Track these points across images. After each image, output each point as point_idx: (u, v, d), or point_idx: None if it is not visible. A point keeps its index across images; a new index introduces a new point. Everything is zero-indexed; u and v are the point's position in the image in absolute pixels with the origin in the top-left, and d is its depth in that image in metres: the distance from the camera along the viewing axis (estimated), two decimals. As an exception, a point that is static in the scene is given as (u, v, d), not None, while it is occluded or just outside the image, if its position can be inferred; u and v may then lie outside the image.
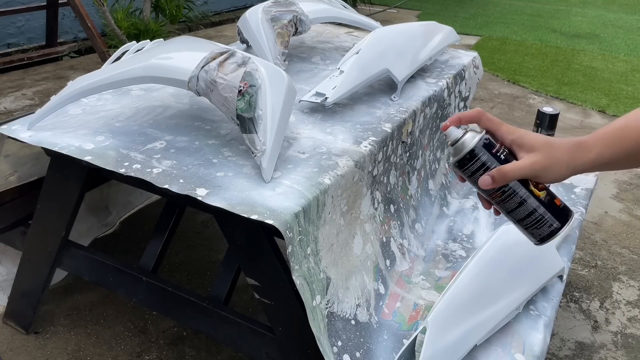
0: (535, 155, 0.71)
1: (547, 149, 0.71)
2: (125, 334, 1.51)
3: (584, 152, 0.71)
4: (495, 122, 0.73)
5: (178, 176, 1.04)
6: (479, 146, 0.70)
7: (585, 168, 0.72)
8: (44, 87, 3.34)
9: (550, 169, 0.71)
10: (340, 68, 1.45)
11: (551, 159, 0.71)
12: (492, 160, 0.70)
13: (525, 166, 0.70)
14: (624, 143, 0.70)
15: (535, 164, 0.70)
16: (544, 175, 0.71)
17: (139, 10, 3.92)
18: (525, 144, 0.71)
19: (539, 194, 0.72)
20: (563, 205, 0.73)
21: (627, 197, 2.41)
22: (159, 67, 1.16)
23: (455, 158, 0.72)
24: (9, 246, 1.54)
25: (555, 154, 0.71)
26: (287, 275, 1.00)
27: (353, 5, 5.48)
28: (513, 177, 0.71)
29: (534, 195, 0.71)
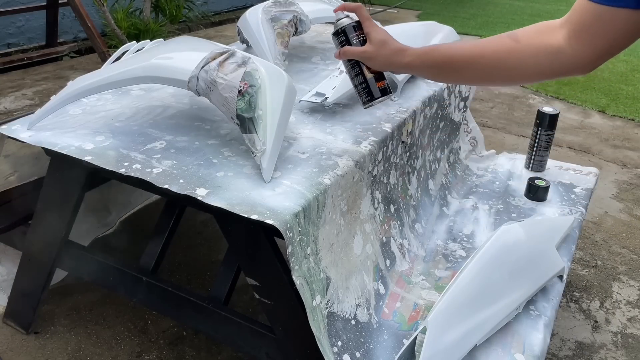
0: (367, 47, 1.01)
1: (378, 46, 1.00)
2: (125, 334, 1.51)
3: (401, 56, 0.99)
4: (364, 16, 1.03)
5: (178, 176, 1.04)
6: (346, 28, 1.03)
7: (400, 69, 1.03)
8: (44, 87, 3.34)
9: (374, 59, 1.01)
10: (340, 68, 1.45)
11: (376, 53, 1.00)
12: (347, 41, 1.03)
13: (357, 52, 1.02)
14: (428, 59, 0.97)
15: (364, 52, 1.01)
16: (369, 62, 1.03)
17: (139, 10, 3.92)
18: (369, 38, 1.01)
19: (367, 75, 1.04)
20: (384, 87, 1.06)
21: (627, 197, 2.41)
22: (159, 67, 1.16)
23: (333, 30, 1.05)
24: (9, 246, 1.54)
25: (381, 51, 1.00)
26: (287, 275, 1.00)
27: (353, 5, 5.47)
28: (348, 56, 1.03)
29: (362, 74, 1.04)
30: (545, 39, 0.86)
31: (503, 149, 2.66)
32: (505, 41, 0.89)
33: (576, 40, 0.82)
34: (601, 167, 2.65)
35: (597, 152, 2.85)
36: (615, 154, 2.84)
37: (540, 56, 0.86)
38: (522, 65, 0.88)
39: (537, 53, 0.86)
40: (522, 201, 1.64)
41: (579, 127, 3.15)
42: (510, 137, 2.99)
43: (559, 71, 0.86)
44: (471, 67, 0.93)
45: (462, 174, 1.82)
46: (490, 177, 1.82)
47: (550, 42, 0.85)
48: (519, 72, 0.90)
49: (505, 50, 0.89)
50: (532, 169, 1.81)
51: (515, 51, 0.88)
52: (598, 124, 3.21)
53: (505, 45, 0.89)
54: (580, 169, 1.82)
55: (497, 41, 0.91)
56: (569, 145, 2.91)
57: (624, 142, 2.98)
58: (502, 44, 0.90)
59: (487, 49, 0.91)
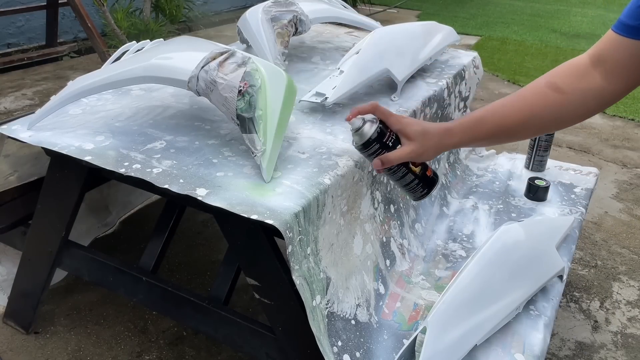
0: (412, 145, 0.95)
1: (421, 139, 0.95)
2: (125, 334, 1.51)
3: (450, 138, 0.95)
4: (386, 113, 0.96)
5: (178, 176, 1.04)
6: (373, 136, 0.94)
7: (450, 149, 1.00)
8: (44, 87, 3.34)
9: (423, 154, 0.97)
10: (340, 68, 1.45)
11: (424, 147, 0.95)
12: (382, 146, 0.95)
13: (404, 155, 0.96)
14: (479, 132, 0.94)
15: (412, 152, 0.95)
16: (418, 159, 0.98)
17: (139, 10, 3.92)
18: (406, 134, 0.95)
19: (415, 170, 0.99)
20: (432, 175, 1.02)
21: (627, 197, 2.41)
22: (159, 67, 1.16)
23: (358, 144, 0.96)
24: (9, 246, 1.54)
25: (427, 143, 0.95)
26: (287, 275, 1.00)
27: (353, 5, 5.48)
28: (394, 162, 0.96)
29: (411, 172, 0.99)
30: (586, 83, 0.89)
31: (503, 149, 2.65)
32: (550, 95, 0.91)
33: (615, 78, 0.86)
34: (601, 167, 2.65)
35: (597, 152, 2.85)
36: (615, 154, 2.84)
37: (589, 100, 0.89)
38: (574, 114, 0.91)
39: (584, 99, 0.89)
40: (522, 201, 1.64)
41: (579, 127, 3.15)
42: (510, 137, 2.98)
43: (604, 107, 0.91)
44: (524, 131, 0.95)
45: (462, 174, 1.82)
46: (490, 177, 1.82)
47: (593, 85, 0.88)
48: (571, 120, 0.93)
49: (554, 105, 0.91)
50: (532, 169, 1.81)
51: (564, 103, 0.90)
52: (598, 124, 3.21)
53: (553, 100, 0.91)
54: (580, 169, 1.82)
55: (542, 97, 0.91)
56: (569, 145, 2.91)
57: (624, 142, 2.98)
58: (548, 99, 0.91)
59: (535, 107, 0.92)
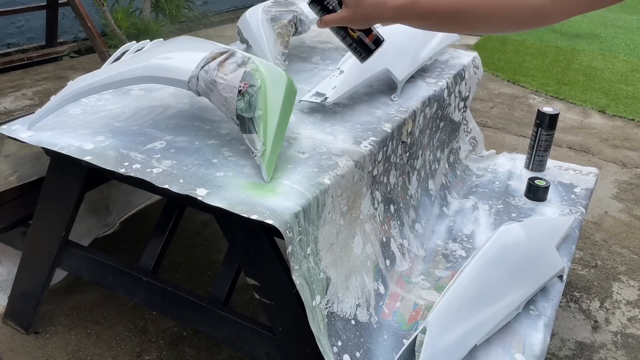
0: (344, 11, 0.97)
1: (354, 7, 0.96)
2: (125, 334, 1.51)
3: (382, 11, 0.95)
4: None
5: (178, 176, 1.04)
6: None
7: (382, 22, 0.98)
8: (44, 87, 3.34)
9: (353, 22, 0.98)
10: (340, 68, 1.45)
11: (355, 15, 0.96)
12: (324, 8, 0.99)
13: (335, 19, 0.98)
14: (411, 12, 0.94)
15: (342, 18, 0.97)
16: (350, 25, 0.99)
17: (139, 10, 3.92)
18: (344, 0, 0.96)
19: (353, 35, 1.02)
20: (373, 40, 1.03)
21: (627, 197, 2.41)
22: (159, 67, 1.16)
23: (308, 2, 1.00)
24: (9, 246, 1.54)
25: (358, 11, 0.96)
26: (287, 275, 1.00)
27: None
28: (328, 25, 0.99)
29: (349, 36, 1.02)
30: None
31: (503, 149, 2.66)
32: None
33: None
34: (601, 167, 2.65)
35: (597, 152, 2.85)
36: (615, 154, 2.84)
37: (523, 11, 0.88)
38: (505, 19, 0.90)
39: (519, 8, 0.88)
40: (522, 201, 1.64)
41: (579, 127, 3.15)
42: (510, 137, 2.99)
43: (537, 24, 0.90)
44: (454, 21, 0.95)
45: (462, 174, 1.82)
46: (490, 177, 1.82)
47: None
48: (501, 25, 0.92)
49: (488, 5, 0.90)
50: (532, 169, 1.81)
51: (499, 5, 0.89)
52: (598, 124, 3.21)
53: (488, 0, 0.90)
54: (580, 169, 1.82)
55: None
56: (569, 145, 2.91)
57: (624, 142, 2.98)
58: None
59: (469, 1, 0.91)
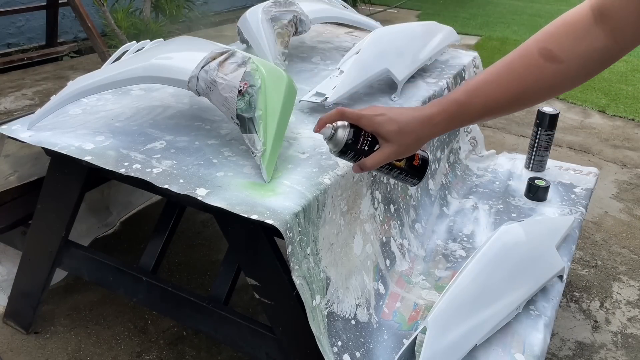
0: (389, 147, 0.87)
1: (399, 139, 0.86)
2: (125, 334, 1.51)
3: (431, 128, 0.86)
4: (355, 117, 0.87)
5: (178, 176, 1.04)
6: (348, 142, 0.88)
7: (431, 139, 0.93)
8: (44, 87, 3.34)
9: (403, 153, 0.90)
10: (340, 68, 1.45)
11: (403, 147, 0.87)
12: (359, 152, 0.89)
13: (382, 158, 0.88)
14: (465, 117, 0.85)
15: (390, 154, 0.88)
16: (399, 157, 0.91)
17: (139, 10, 3.91)
18: (381, 136, 0.87)
19: (400, 165, 0.93)
20: (421, 161, 0.95)
21: (627, 197, 2.41)
22: (159, 67, 1.16)
23: (335, 152, 0.91)
24: (9, 246, 1.54)
25: (406, 140, 0.86)
26: (287, 275, 1.00)
27: (353, 5, 5.48)
28: (372, 168, 0.89)
29: (396, 167, 0.94)
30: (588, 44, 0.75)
31: (503, 149, 2.66)
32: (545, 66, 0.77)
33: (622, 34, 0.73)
34: (601, 167, 2.65)
35: (597, 152, 2.85)
36: (615, 154, 2.84)
37: (590, 64, 0.76)
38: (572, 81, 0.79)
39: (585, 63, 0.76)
40: (522, 201, 1.64)
41: (579, 127, 3.15)
42: (510, 137, 2.99)
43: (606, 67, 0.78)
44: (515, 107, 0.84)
45: (462, 174, 1.82)
46: (490, 177, 1.82)
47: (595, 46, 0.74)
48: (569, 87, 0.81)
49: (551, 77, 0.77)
50: (532, 169, 1.81)
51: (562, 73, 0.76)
52: (598, 124, 3.21)
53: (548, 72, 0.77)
54: (580, 169, 1.82)
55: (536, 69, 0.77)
56: (569, 145, 2.91)
57: (624, 142, 2.98)
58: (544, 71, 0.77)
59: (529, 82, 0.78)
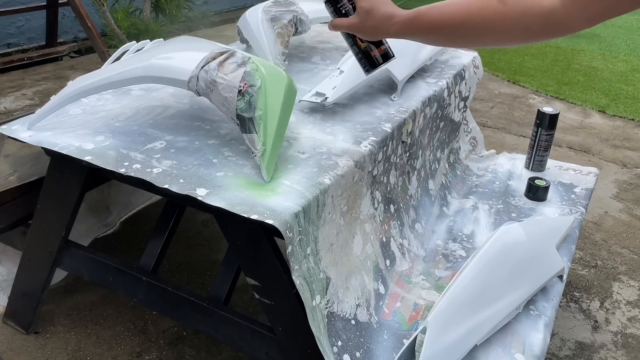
0: (354, 18, 0.95)
1: (364, 16, 0.94)
2: (125, 334, 1.51)
3: (390, 25, 0.93)
4: None
5: (178, 176, 1.04)
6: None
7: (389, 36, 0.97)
8: (44, 87, 3.34)
9: (361, 31, 0.96)
10: (340, 68, 1.45)
11: (363, 24, 0.94)
12: (336, 11, 0.98)
13: (344, 25, 0.97)
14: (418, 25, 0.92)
15: (350, 25, 0.96)
16: (358, 34, 0.98)
17: (139, 10, 3.92)
18: (356, 8, 0.95)
19: (360, 45, 1.01)
20: (379, 54, 1.02)
21: (627, 197, 2.41)
22: (159, 67, 1.16)
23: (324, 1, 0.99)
24: (9, 246, 1.54)
25: (367, 22, 0.94)
26: (287, 275, 1.00)
27: (353, 5, 5.46)
28: (337, 29, 0.98)
29: (356, 45, 1.01)
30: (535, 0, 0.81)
31: (503, 149, 2.66)
32: (492, 3, 0.85)
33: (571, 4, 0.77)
34: (601, 167, 2.65)
35: (597, 152, 2.85)
36: (615, 154, 2.84)
37: (530, 18, 0.81)
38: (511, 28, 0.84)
39: (525, 15, 0.81)
40: (522, 201, 1.64)
41: (579, 127, 3.15)
42: (510, 137, 2.99)
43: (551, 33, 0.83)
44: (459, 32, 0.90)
45: (462, 174, 1.82)
46: (490, 177, 1.82)
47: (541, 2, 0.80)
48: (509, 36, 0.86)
49: (492, 13, 0.84)
50: (532, 169, 1.81)
51: (503, 13, 0.83)
52: (598, 124, 3.21)
53: (492, 8, 0.84)
54: (580, 168, 1.82)
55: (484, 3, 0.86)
56: (569, 145, 2.91)
57: (624, 142, 2.98)
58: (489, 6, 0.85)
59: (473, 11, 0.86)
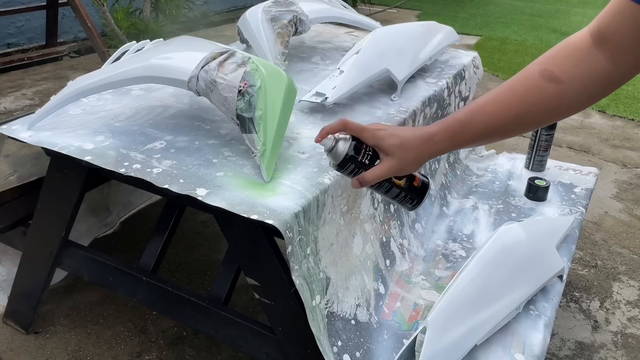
0: (390, 160, 0.85)
1: (400, 153, 0.84)
2: (125, 334, 1.51)
3: (432, 146, 0.85)
4: (358, 129, 0.86)
5: (178, 176, 1.04)
6: (348, 155, 0.85)
7: (435, 157, 0.92)
8: (44, 87, 3.34)
9: (404, 168, 0.87)
10: (340, 68, 1.45)
11: (404, 161, 0.85)
12: (359, 165, 0.86)
13: (382, 172, 0.85)
14: (466, 136, 0.83)
15: (391, 168, 0.85)
16: (399, 173, 0.88)
17: (139, 10, 3.92)
18: (383, 150, 0.85)
19: (400, 183, 0.89)
20: (421, 184, 0.91)
21: (627, 197, 2.41)
22: (159, 67, 1.16)
23: (334, 164, 0.87)
24: (9, 246, 1.54)
25: (407, 156, 0.85)
26: (287, 275, 1.00)
27: (353, 5, 5.48)
28: (372, 182, 0.86)
29: (395, 186, 0.89)
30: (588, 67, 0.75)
31: (503, 148, 2.65)
32: (546, 87, 0.77)
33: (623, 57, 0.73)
34: (601, 167, 2.65)
35: (597, 152, 2.85)
36: (615, 154, 2.84)
37: (590, 87, 0.76)
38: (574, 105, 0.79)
39: (585, 86, 0.76)
40: (522, 201, 1.64)
41: (579, 127, 3.15)
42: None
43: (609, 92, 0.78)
44: (517, 129, 0.83)
45: (462, 174, 1.82)
46: (490, 177, 1.82)
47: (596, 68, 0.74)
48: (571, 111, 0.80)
49: (551, 98, 0.77)
50: (532, 169, 1.81)
51: (562, 94, 0.77)
52: (598, 124, 3.21)
53: (549, 92, 0.77)
54: (580, 168, 1.82)
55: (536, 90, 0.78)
56: (569, 145, 2.91)
57: (624, 142, 2.98)
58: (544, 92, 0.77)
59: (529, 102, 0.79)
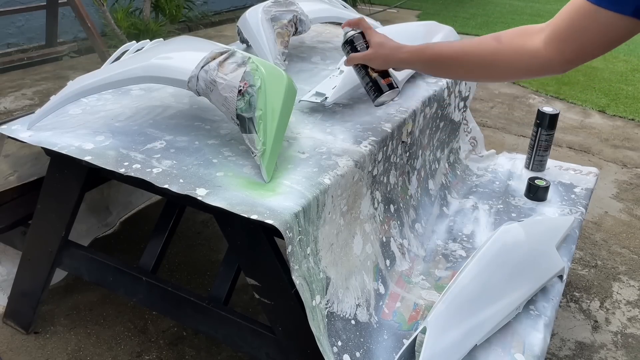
0: (369, 51, 1.15)
1: (377, 48, 1.14)
2: (125, 334, 1.51)
3: (397, 53, 1.12)
4: (366, 27, 1.17)
5: (178, 176, 1.04)
6: (352, 37, 1.18)
7: (397, 65, 1.15)
8: (44, 87, 3.34)
9: (374, 60, 1.15)
10: (340, 68, 1.45)
11: (376, 54, 1.14)
12: (353, 49, 1.18)
13: (360, 56, 1.16)
14: (422, 55, 1.09)
15: (366, 56, 1.15)
16: (370, 63, 1.16)
17: (139, 10, 3.92)
18: (370, 42, 1.15)
19: (372, 74, 1.18)
20: (389, 84, 1.18)
21: (627, 197, 2.41)
22: (158, 67, 1.16)
23: (342, 43, 1.21)
24: (9, 246, 1.54)
25: (379, 51, 1.13)
26: (287, 275, 1.00)
27: (353, 5, 5.48)
28: (354, 61, 1.18)
29: (368, 75, 1.18)
30: (524, 41, 0.92)
31: (503, 148, 2.66)
32: (489, 42, 0.98)
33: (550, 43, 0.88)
34: (601, 167, 2.65)
35: (597, 152, 2.85)
36: (615, 154, 2.84)
37: (518, 58, 0.93)
38: (502, 66, 0.97)
39: (515, 55, 0.93)
40: (522, 201, 1.64)
41: (579, 127, 3.15)
42: (510, 137, 2.99)
43: (535, 72, 0.94)
44: (457, 65, 1.04)
45: (462, 174, 1.82)
46: (490, 177, 1.82)
47: (529, 44, 0.91)
48: (500, 72, 0.99)
49: (488, 51, 0.97)
50: (532, 169, 1.81)
51: (497, 52, 0.96)
52: (598, 124, 3.21)
53: (488, 47, 0.97)
54: (580, 168, 1.82)
55: (482, 42, 0.99)
56: (569, 145, 2.91)
57: (624, 142, 2.98)
58: (486, 45, 0.98)
59: (472, 49, 1.00)
